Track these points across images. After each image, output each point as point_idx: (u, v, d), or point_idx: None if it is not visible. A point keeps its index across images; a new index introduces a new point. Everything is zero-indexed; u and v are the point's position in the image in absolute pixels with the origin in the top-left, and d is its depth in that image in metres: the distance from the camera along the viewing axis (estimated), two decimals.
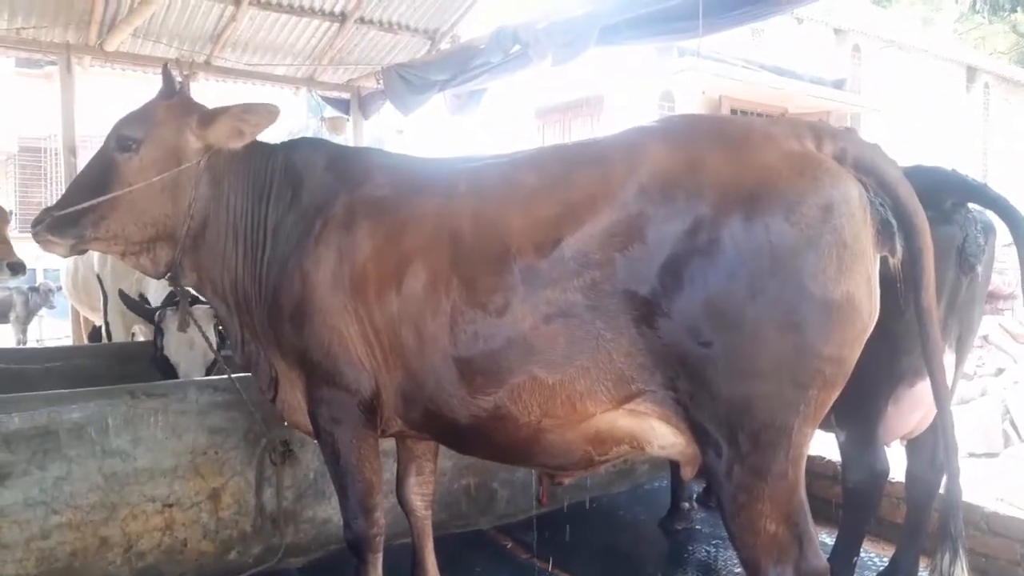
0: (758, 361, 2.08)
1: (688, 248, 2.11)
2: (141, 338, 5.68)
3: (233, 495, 3.72)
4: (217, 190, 2.96)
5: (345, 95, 9.68)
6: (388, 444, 3.28)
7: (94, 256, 5.63)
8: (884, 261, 2.24)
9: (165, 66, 3.09)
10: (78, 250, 2.97)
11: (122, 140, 2.88)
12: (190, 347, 4.40)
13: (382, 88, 8.54)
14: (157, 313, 4.46)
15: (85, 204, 2.80)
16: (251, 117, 2.89)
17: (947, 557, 2.46)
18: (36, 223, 2.89)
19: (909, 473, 3.38)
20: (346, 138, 10.27)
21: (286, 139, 3.21)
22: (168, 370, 4.41)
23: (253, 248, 2.93)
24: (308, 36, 8.75)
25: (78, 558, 3.36)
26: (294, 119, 18.44)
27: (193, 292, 3.72)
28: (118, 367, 4.83)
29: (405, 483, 3.34)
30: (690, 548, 4.17)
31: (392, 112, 8.87)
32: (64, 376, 4.31)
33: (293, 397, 2.96)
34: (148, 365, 4.48)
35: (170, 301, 4.46)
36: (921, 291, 2.20)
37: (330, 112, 10.13)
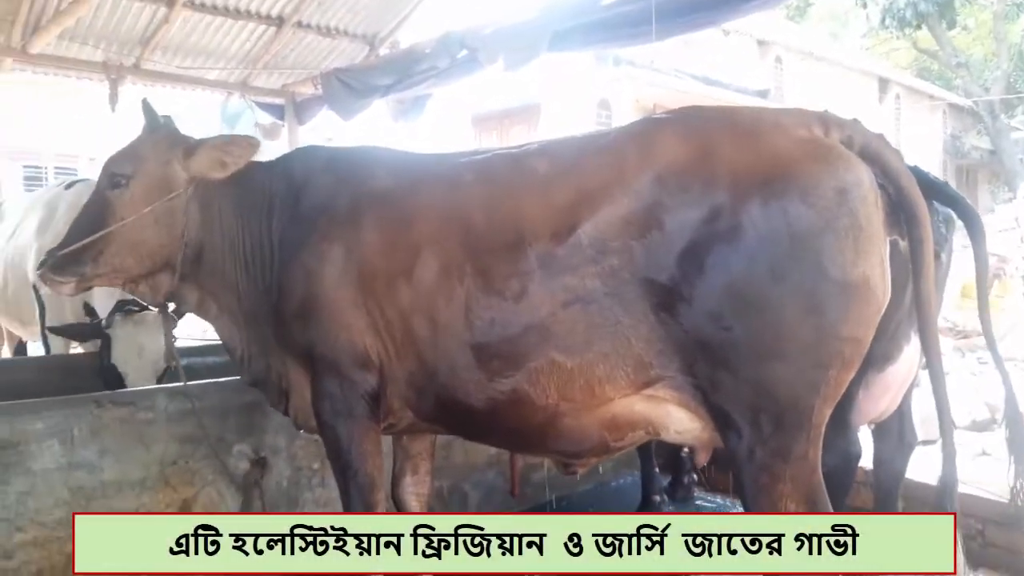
0: (780, 343, 2.11)
1: (707, 235, 2.14)
2: (81, 350, 5.40)
3: (205, 506, 3.56)
4: (208, 214, 3.01)
5: (279, 100, 9.48)
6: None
7: (28, 266, 5.35)
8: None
9: (145, 101, 3.14)
10: (83, 287, 3.02)
11: (113, 177, 2.95)
12: (138, 355, 4.21)
13: (319, 93, 8.40)
14: (103, 320, 4.27)
15: (83, 242, 2.88)
16: (233, 149, 2.94)
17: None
18: (41, 265, 3.00)
19: (876, 457, 3.49)
20: (281, 145, 10.07)
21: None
22: (114, 381, 4.17)
23: (259, 261, 2.96)
24: (243, 40, 8.55)
25: None
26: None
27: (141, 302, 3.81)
28: (64, 380, 4.57)
29: (400, 483, 3.31)
30: None
31: (326, 119, 8.75)
32: (8, 392, 4.05)
33: (305, 402, 2.92)
34: (94, 377, 4.27)
35: (119, 308, 4.28)
36: (920, 279, 2.24)
37: (264, 118, 9.91)
